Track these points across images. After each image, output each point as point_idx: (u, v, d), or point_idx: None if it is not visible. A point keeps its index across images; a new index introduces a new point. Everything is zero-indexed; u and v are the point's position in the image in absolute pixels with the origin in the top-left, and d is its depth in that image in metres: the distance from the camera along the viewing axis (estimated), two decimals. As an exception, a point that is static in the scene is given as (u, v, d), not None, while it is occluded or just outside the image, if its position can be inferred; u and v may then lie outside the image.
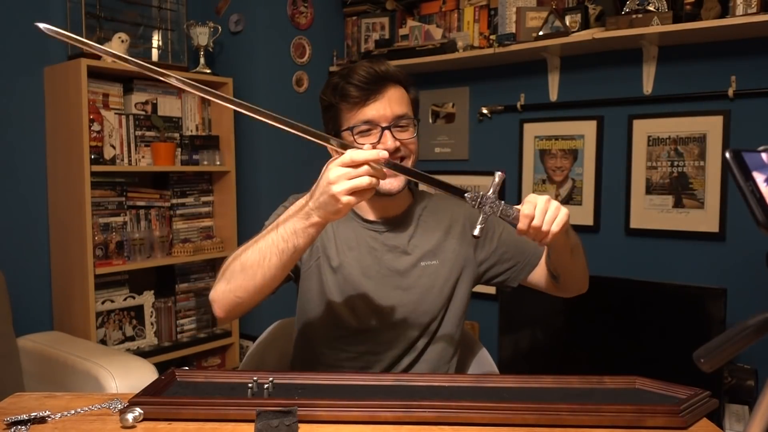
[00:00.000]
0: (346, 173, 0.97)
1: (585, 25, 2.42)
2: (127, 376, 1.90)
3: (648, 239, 2.42)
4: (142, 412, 0.92)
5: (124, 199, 2.58)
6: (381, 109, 1.24)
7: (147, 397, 0.97)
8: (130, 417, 0.91)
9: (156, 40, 2.78)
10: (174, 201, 2.79)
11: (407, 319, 1.30)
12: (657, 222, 2.40)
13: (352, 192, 0.97)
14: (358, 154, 0.98)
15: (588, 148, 2.56)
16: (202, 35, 2.80)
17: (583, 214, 2.57)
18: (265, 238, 1.09)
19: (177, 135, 2.76)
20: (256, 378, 1.03)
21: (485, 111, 2.82)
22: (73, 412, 0.96)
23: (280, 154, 2.93)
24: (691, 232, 2.32)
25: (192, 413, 0.93)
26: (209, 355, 2.92)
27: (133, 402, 0.95)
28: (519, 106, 2.72)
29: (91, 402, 1.00)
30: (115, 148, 2.53)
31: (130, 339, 2.62)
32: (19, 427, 0.90)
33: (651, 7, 2.23)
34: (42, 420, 0.93)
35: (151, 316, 2.69)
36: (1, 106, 2.38)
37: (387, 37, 3.04)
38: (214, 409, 0.93)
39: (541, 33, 2.46)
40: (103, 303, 2.51)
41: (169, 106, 2.74)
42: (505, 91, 2.77)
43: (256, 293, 1.11)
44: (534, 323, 2.49)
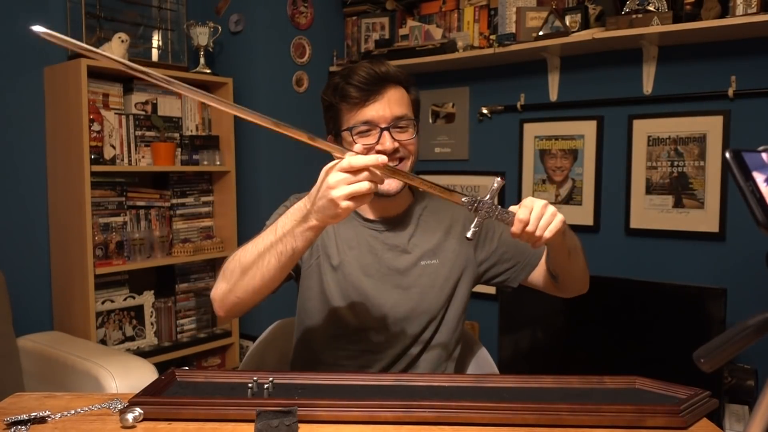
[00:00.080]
0: (345, 178, 0.97)
1: (585, 25, 2.42)
2: (127, 376, 1.90)
3: (648, 239, 2.42)
4: (142, 412, 0.92)
5: (124, 199, 2.58)
6: (380, 110, 1.24)
7: (147, 397, 0.97)
8: (130, 417, 0.91)
9: (156, 40, 2.78)
10: (174, 201, 2.79)
11: (407, 318, 1.30)
12: (657, 222, 2.40)
13: (351, 197, 0.97)
14: (357, 160, 0.97)
15: (588, 148, 2.55)
16: (202, 35, 2.80)
17: (583, 214, 2.57)
18: (264, 240, 1.09)
19: (177, 135, 2.76)
20: (256, 378, 1.03)
21: (485, 111, 2.82)
22: (73, 412, 0.96)
23: (280, 154, 2.93)
24: (691, 232, 2.32)
25: (192, 413, 0.93)
26: (209, 355, 2.92)
27: (133, 402, 0.95)
28: (519, 106, 2.72)
29: (91, 402, 1.00)
30: (115, 148, 2.53)
31: (130, 339, 2.62)
32: (19, 427, 0.90)
33: (651, 7, 2.23)
34: (42, 420, 0.93)
35: (151, 316, 2.69)
36: (1, 106, 2.38)
37: (387, 37, 3.04)
38: (214, 409, 0.93)
39: (541, 33, 2.46)
40: (103, 303, 2.51)
41: (169, 106, 2.73)
42: (505, 91, 2.77)
43: (256, 293, 1.12)
44: (534, 323, 2.49)
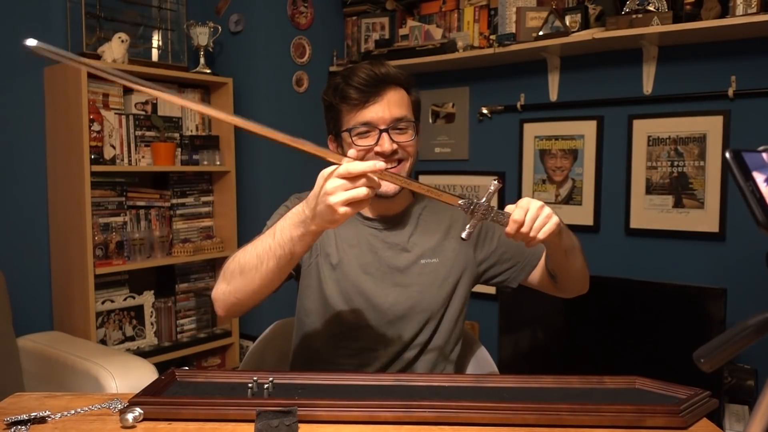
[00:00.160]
0: (343, 185, 0.97)
1: (585, 25, 2.42)
2: (127, 376, 1.90)
3: (648, 239, 2.42)
4: (142, 412, 0.92)
5: (124, 199, 2.58)
6: (380, 111, 1.24)
7: (147, 397, 0.97)
8: (130, 417, 0.91)
9: (156, 40, 2.78)
10: (174, 201, 2.79)
11: (406, 317, 1.30)
12: (657, 222, 2.40)
13: (349, 203, 0.97)
14: (354, 166, 0.97)
15: (588, 148, 2.55)
16: (202, 35, 2.80)
17: (583, 214, 2.57)
18: (263, 243, 1.09)
19: (177, 135, 2.76)
20: (256, 378, 1.03)
21: (485, 111, 2.82)
22: (73, 412, 0.96)
23: (280, 154, 2.92)
24: (691, 232, 2.32)
25: (192, 413, 0.93)
26: (209, 355, 2.92)
27: (133, 402, 0.95)
28: (519, 106, 2.72)
29: (91, 402, 1.00)
30: (115, 148, 2.53)
31: (130, 339, 2.62)
32: (19, 427, 0.90)
33: (651, 7, 2.23)
34: (42, 420, 0.93)
35: (151, 316, 2.69)
36: (1, 106, 2.38)
37: (387, 37, 3.04)
38: (214, 409, 0.93)
39: (541, 33, 2.46)
40: (103, 303, 2.51)
41: (168, 106, 2.73)
42: (505, 91, 2.77)
43: (255, 295, 1.13)
44: (534, 323, 2.49)
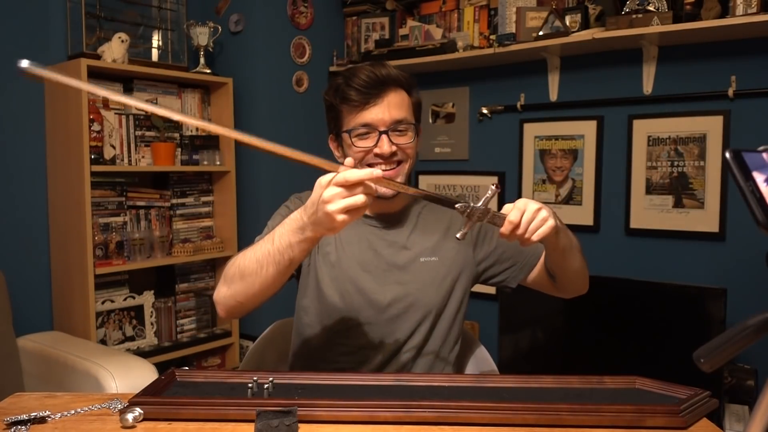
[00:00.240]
0: (340, 192, 0.97)
1: (585, 25, 2.42)
2: (127, 376, 1.90)
3: (648, 239, 2.42)
4: (142, 412, 0.92)
5: (124, 199, 2.58)
6: (380, 113, 1.25)
7: (147, 397, 0.97)
8: (130, 417, 0.91)
9: (156, 40, 2.78)
10: (174, 201, 2.79)
11: (405, 314, 1.30)
12: (657, 222, 2.40)
13: (347, 211, 0.97)
14: (351, 174, 0.97)
15: (588, 148, 2.55)
16: (202, 35, 2.80)
17: (583, 214, 2.57)
18: (262, 249, 1.10)
19: (177, 135, 2.76)
20: (256, 378, 1.03)
21: (485, 111, 2.82)
22: (73, 412, 0.97)
23: (280, 154, 2.92)
24: (691, 232, 2.32)
25: (192, 413, 0.93)
26: (209, 355, 2.92)
27: (133, 402, 0.95)
28: (519, 106, 2.72)
29: (91, 402, 1.00)
30: (115, 148, 2.53)
31: (130, 339, 2.62)
32: (19, 427, 0.90)
33: (651, 7, 2.23)
34: (42, 420, 0.93)
35: (151, 316, 2.69)
36: (1, 106, 2.38)
37: (387, 37, 3.04)
38: (214, 409, 0.93)
39: (541, 33, 2.46)
40: (103, 303, 2.51)
41: (169, 106, 2.73)
42: (505, 91, 2.77)
43: (256, 297, 1.14)
44: (534, 323, 2.49)
